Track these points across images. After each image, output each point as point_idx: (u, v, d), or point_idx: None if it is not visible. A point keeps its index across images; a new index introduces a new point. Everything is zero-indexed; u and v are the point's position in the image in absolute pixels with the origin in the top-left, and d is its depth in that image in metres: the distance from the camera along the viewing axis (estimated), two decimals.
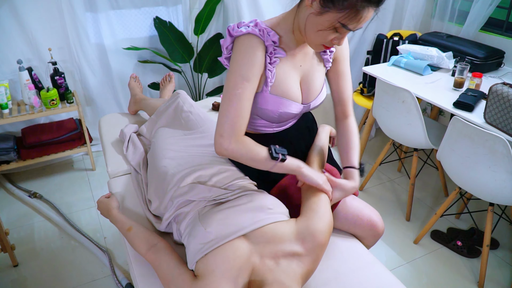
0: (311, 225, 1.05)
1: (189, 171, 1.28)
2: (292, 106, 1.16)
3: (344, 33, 1.02)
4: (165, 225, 1.25)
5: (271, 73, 1.09)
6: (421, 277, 1.98)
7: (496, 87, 1.72)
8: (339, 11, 0.96)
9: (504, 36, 2.54)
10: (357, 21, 0.97)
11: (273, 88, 1.12)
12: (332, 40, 1.03)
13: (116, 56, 2.75)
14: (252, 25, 1.07)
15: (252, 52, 1.04)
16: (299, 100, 1.18)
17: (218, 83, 3.16)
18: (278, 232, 1.04)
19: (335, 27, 0.99)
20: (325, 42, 1.04)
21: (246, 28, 1.06)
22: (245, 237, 1.04)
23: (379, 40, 2.81)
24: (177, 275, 1.02)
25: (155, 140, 1.55)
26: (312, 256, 1.02)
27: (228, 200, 1.17)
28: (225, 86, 1.07)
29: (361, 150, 2.74)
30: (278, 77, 1.12)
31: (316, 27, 1.01)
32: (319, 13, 0.99)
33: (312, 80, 1.20)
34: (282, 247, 1.01)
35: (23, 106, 2.47)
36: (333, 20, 0.98)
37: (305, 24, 1.04)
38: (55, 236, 2.20)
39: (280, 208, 1.14)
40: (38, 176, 2.72)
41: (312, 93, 1.21)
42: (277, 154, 1.09)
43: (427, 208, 2.46)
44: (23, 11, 2.37)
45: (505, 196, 1.71)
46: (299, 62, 1.17)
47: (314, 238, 1.03)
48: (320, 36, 1.03)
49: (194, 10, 2.82)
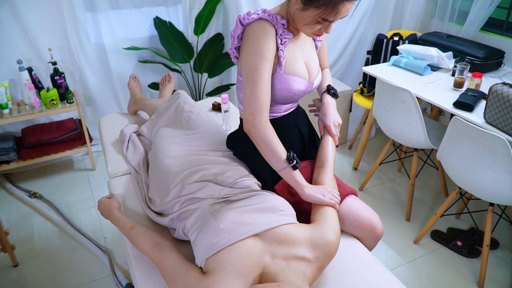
0: (325, 235, 1.08)
1: (193, 170, 1.29)
2: (303, 83, 1.26)
3: (328, 24, 1.13)
4: (169, 219, 1.25)
5: (283, 53, 1.19)
6: (421, 277, 1.98)
7: (496, 87, 1.72)
8: (318, 8, 1.07)
9: (504, 36, 2.54)
10: (335, 14, 1.08)
11: (285, 67, 1.22)
12: (320, 29, 1.15)
13: (116, 56, 2.75)
14: (261, 12, 1.17)
15: (266, 35, 1.13)
16: (307, 78, 1.28)
17: (218, 83, 3.16)
18: (291, 234, 1.06)
19: (318, 21, 1.11)
20: (314, 31, 1.16)
21: (256, 15, 1.16)
22: (258, 236, 1.05)
23: (379, 40, 2.81)
24: (184, 271, 1.02)
25: (156, 140, 1.55)
26: (320, 264, 1.05)
27: (239, 199, 1.18)
28: (246, 69, 1.15)
29: (361, 150, 2.74)
30: (288, 57, 1.23)
31: (302, 21, 1.14)
32: (303, 9, 1.10)
33: (312, 61, 1.32)
34: (293, 250, 1.03)
35: (23, 106, 2.47)
36: (314, 15, 1.09)
37: (293, 17, 1.16)
38: (55, 236, 2.20)
39: (290, 210, 1.17)
40: (38, 176, 2.72)
41: (313, 73, 1.32)
42: (293, 159, 1.17)
43: (427, 208, 2.46)
44: (23, 11, 2.37)
45: (505, 196, 1.71)
46: (301, 45, 1.29)
47: (326, 248, 1.06)
48: (308, 28, 1.15)
49: (194, 10, 2.82)
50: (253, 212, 1.10)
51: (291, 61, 1.23)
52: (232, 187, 1.24)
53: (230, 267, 0.97)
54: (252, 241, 1.03)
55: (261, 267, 1.00)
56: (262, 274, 1.00)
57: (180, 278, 1.02)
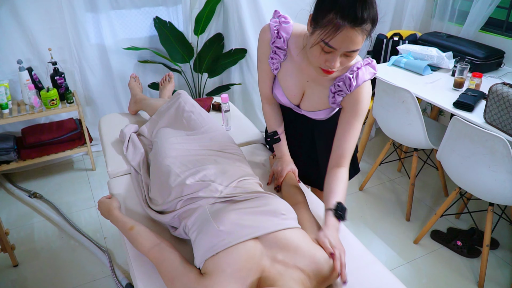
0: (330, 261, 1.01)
1: (194, 171, 1.29)
2: (284, 100, 1.38)
3: (331, 53, 1.04)
4: (170, 218, 1.25)
5: (272, 60, 1.30)
6: (421, 277, 1.98)
7: (496, 87, 1.72)
8: (321, 28, 1.02)
9: (504, 36, 2.54)
10: (336, 39, 1.00)
11: (278, 76, 1.35)
12: (325, 62, 1.07)
13: (116, 56, 2.75)
14: (277, 21, 1.26)
15: (261, 39, 1.31)
16: (292, 99, 1.36)
17: (218, 83, 3.16)
18: (294, 242, 1.03)
19: (321, 46, 1.04)
20: (319, 62, 1.09)
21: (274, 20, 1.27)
22: (258, 239, 1.04)
23: (379, 40, 2.81)
24: (182, 272, 1.02)
25: (157, 140, 1.55)
26: (316, 283, 1.01)
27: (240, 200, 1.18)
28: None
29: (361, 150, 2.74)
30: (282, 70, 1.32)
31: (309, 45, 1.09)
32: (311, 33, 1.07)
33: (310, 99, 1.33)
34: (294, 259, 1.00)
35: (23, 106, 2.47)
36: (317, 37, 1.03)
37: (305, 44, 1.16)
38: (55, 236, 2.20)
39: (292, 214, 1.15)
40: (38, 176, 2.72)
41: (306, 106, 1.35)
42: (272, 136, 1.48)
43: (427, 208, 2.46)
44: (23, 11, 2.37)
45: (505, 196, 1.71)
46: (307, 77, 1.29)
47: (330, 275, 1.01)
48: (312, 54, 1.08)
49: (194, 10, 2.82)
50: (254, 214, 1.09)
51: (283, 76, 1.33)
52: (234, 187, 1.24)
53: (228, 269, 0.96)
54: (252, 244, 1.02)
55: (260, 271, 0.99)
56: (260, 278, 0.98)
57: (178, 279, 1.01)
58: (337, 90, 1.23)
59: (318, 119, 1.38)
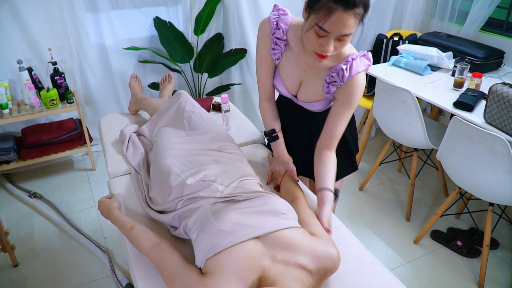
0: (331, 251, 1.05)
1: (194, 171, 1.29)
2: (282, 87, 1.42)
3: (325, 37, 1.09)
4: (171, 217, 1.25)
5: (274, 50, 1.33)
6: (421, 277, 1.98)
7: (496, 87, 1.73)
8: (315, 13, 1.07)
9: (504, 36, 2.54)
10: (329, 22, 1.05)
11: (279, 66, 1.38)
12: (320, 47, 1.12)
13: (116, 56, 2.75)
14: (276, 13, 1.29)
15: (261, 32, 1.34)
16: (289, 89, 1.40)
17: (218, 83, 3.16)
18: (294, 240, 1.04)
19: (315, 30, 1.09)
20: (314, 47, 1.13)
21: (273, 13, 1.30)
22: (259, 239, 1.04)
23: (379, 40, 2.81)
24: (183, 272, 1.02)
25: (158, 140, 1.55)
26: (319, 276, 1.02)
27: (241, 200, 1.18)
28: None
29: (361, 150, 2.74)
30: (282, 62, 1.36)
31: (304, 31, 1.14)
32: (306, 18, 1.12)
33: (306, 89, 1.36)
34: (295, 258, 1.01)
35: (23, 106, 2.47)
36: (311, 22, 1.08)
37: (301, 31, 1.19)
38: (55, 236, 2.20)
39: (292, 213, 1.15)
40: (38, 176, 2.72)
41: (303, 96, 1.39)
42: (269, 135, 1.49)
43: (427, 208, 2.46)
44: (23, 11, 2.37)
45: (505, 196, 1.71)
46: (304, 67, 1.32)
47: (331, 261, 1.04)
48: (307, 39, 1.13)
49: (194, 10, 2.82)
50: (255, 214, 1.10)
51: (284, 66, 1.35)
52: (234, 187, 1.24)
53: (229, 269, 0.97)
54: (253, 244, 1.02)
55: (261, 271, 0.99)
56: (261, 278, 0.99)
57: (178, 279, 1.01)
58: (331, 81, 1.27)
59: (315, 110, 1.42)
